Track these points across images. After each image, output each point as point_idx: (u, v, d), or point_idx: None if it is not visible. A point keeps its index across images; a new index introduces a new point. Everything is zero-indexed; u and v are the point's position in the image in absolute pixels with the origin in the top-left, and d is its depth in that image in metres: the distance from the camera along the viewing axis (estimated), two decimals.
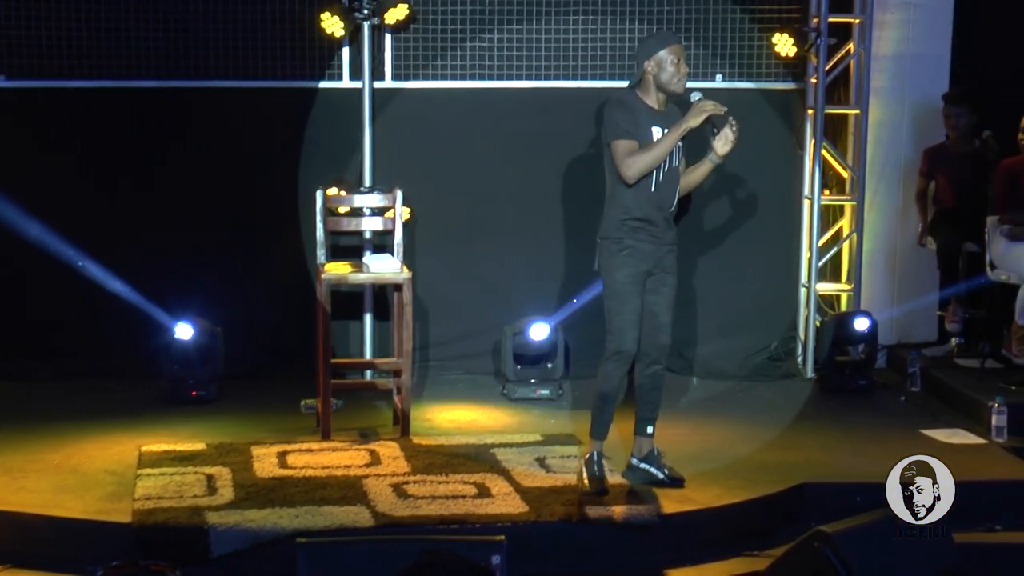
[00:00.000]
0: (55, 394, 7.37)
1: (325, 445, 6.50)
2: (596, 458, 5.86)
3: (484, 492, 5.79)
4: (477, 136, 7.93)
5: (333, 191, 7.21)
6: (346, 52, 7.71)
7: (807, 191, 8.12)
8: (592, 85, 7.85)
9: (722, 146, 5.72)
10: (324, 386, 6.63)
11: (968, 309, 8.04)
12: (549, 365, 7.60)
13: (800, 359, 8.14)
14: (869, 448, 6.64)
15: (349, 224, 7.22)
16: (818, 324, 8.03)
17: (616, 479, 5.93)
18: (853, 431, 6.97)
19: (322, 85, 7.76)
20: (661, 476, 5.96)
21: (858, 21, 8.04)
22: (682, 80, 5.74)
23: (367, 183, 7.54)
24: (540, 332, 7.58)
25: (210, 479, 5.93)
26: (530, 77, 7.88)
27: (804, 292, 8.17)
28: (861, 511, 5.05)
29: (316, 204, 6.95)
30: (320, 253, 6.92)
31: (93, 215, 7.67)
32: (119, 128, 7.71)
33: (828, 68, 7.99)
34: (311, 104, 7.76)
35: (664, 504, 5.74)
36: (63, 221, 7.50)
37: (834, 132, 8.22)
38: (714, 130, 5.70)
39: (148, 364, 7.41)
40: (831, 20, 7.91)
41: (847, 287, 8.24)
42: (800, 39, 7.89)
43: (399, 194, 7.04)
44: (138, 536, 5.33)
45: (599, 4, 7.85)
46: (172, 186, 7.74)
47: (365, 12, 7.41)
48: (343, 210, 7.21)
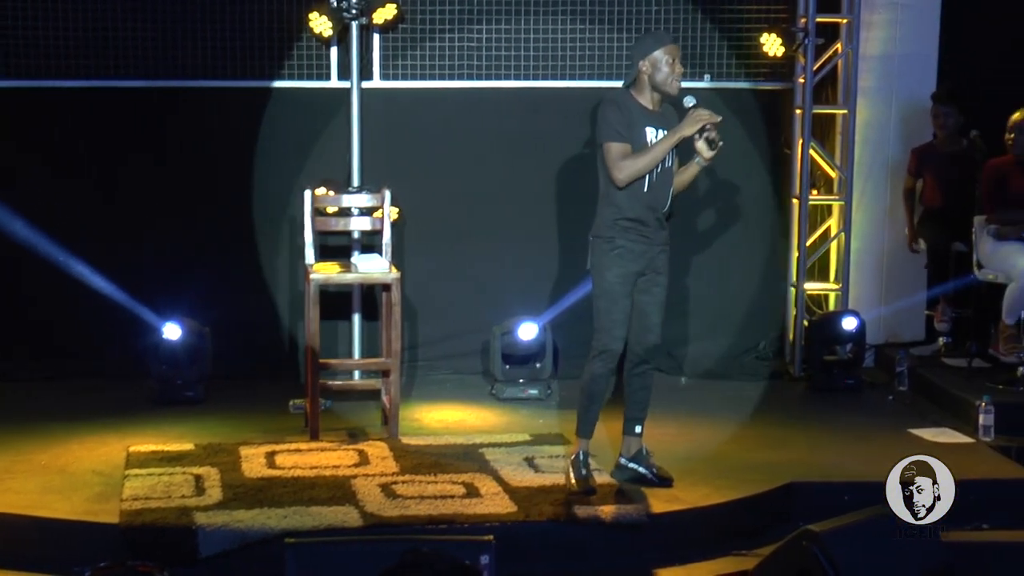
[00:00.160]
0: (42, 394, 7.36)
1: (313, 445, 6.49)
2: (582, 457, 5.86)
3: (472, 492, 5.78)
4: (465, 136, 7.93)
5: (321, 191, 7.19)
6: (334, 52, 7.70)
7: (795, 191, 8.13)
8: (580, 85, 7.86)
9: (707, 151, 5.73)
10: (312, 386, 6.62)
11: (956, 308, 8.08)
12: (538, 365, 7.60)
13: (788, 358, 8.16)
14: (857, 447, 6.66)
15: (337, 224, 7.21)
16: (806, 324, 8.05)
17: (605, 479, 5.93)
18: (841, 430, 6.99)
19: (310, 85, 7.75)
20: (650, 476, 5.97)
21: (846, 21, 8.06)
22: (677, 80, 5.74)
23: (355, 183, 7.52)
24: (528, 332, 7.58)
25: (198, 479, 5.92)
26: (518, 77, 7.88)
27: (792, 292, 8.18)
28: (849, 510, 5.06)
29: (304, 204, 6.94)
30: (308, 253, 6.91)
31: (81, 215, 7.66)
32: (107, 128, 7.69)
33: (816, 68, 8.01)
34: (299, 104, 7.75)
35: (652, 504, 5.74)
36: (51, 221, 7.48)
37: (822, 132, 8.23)
38: (697, 135, 5.71)
39: (136, 364, 7.40)
40: (819, 20, 7.92)
41: (835, 287, 8.26)
42: (788, 39, 7.91)
43: (387, 194, 7.03)
44: (126, 537, 5.32)
45: (587, 4, 7.85)
46: (160, 186, 7.72)
47: (353, 12, 7.40)
48: (331, 210, 7.20)
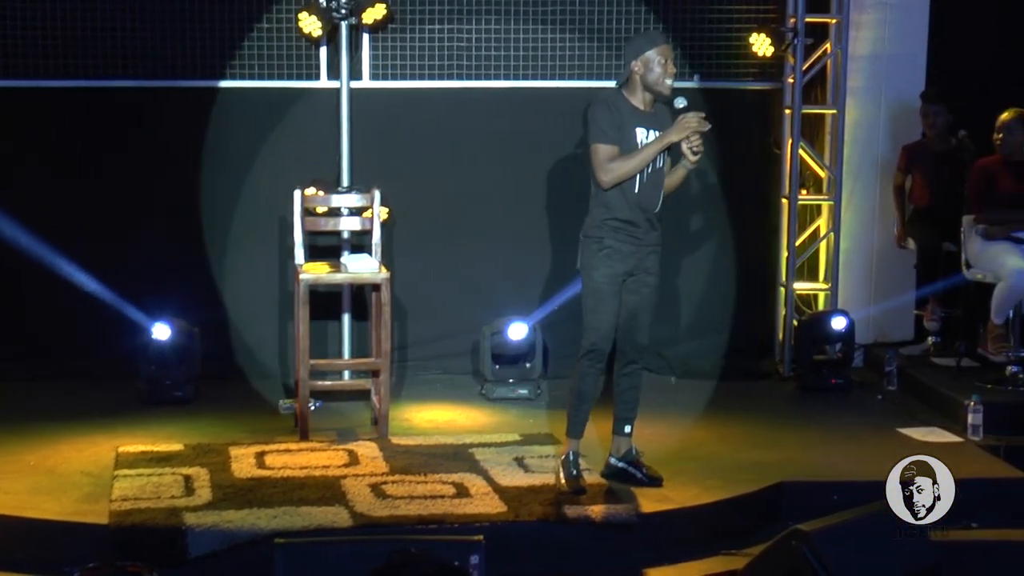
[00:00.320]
0: (31, 394, 7.34)
1: (303, 445, 6.49)
2: (572, 458, 5.87)
3: (462, 492, 5.78)
4: (455, 136, 7.92)
5: (311, 191, 7.19)
6: (324, 52, 7.70)
7: (784, 191, 8.14)
8: (570, 85, 7.86)
9: (692, 155, 5.74)
10: (302, 386, 6.62)
11: (945, 308, 8.10)
12: (527, 365, 7.60)
13: (778, 358, 8.17)
14: (846, 447, 6.67)
15: (327, 224, 7.21)
16: (796, 323, 8.06)
17: (594, 478, 5.94)
18: (830, 430, 6.99)
19: (300, 85, 7.74)
20: (639, 475, 5.98)
21: (835, 21, 8.07)
22: (669, 81, 5.74)
23: (345, 183, 7.52)
24: (518, 332, 7.58)
25: (188, 480, 5.92)
26: (508, 77, 7.87)
27: (782, 291, 8.19)
28: (838, 510, 5.07)
29: (294, 204, 6.94)
30: (298, 253, 6.91)
31: (69, 215, 7.64)
32: (96, 128, 7.67)
33: (805, 68, 8.02)
34: (289, 104, 7.74)
35: (642, 503, 5.75)
36: (39, 221, 7.46)
37: (811, 132, 8.24)
38: (684, 140, 5.71)
39: (125, 364, 7.38)
40: (808, 20, 7.93)
41: (824, 286, 8.27)
42: (777, 39, 7.92)
43: (377, 194, 7.03)
44: (115, 537, 5.31)
45: (577, 4, 7.84)
46: (149, 186, 7.70)
47: (342, 12, 7.39)
48: (321, 210, 7.19)
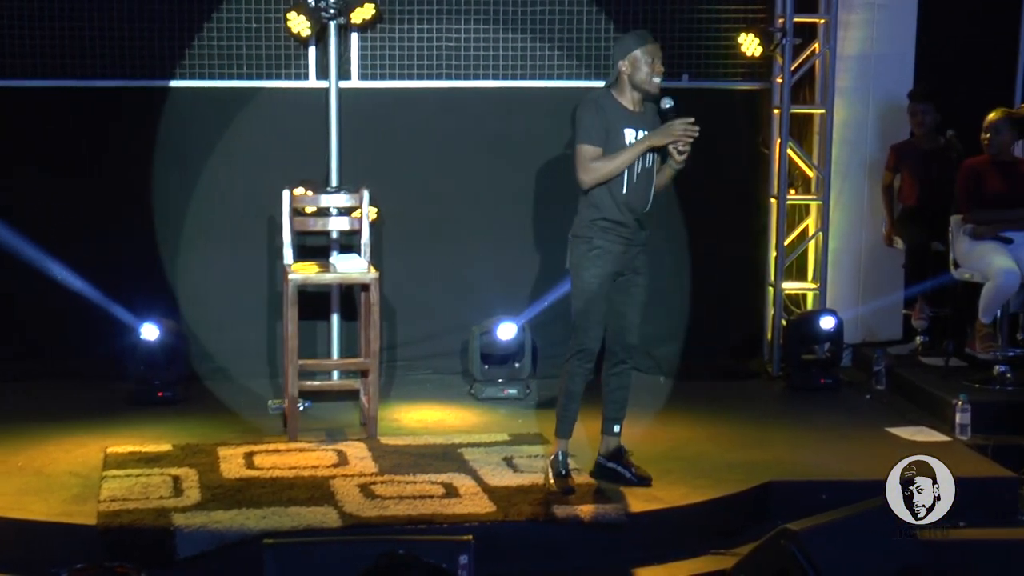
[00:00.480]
0: (19, 395, 7.31)
1: (292, 446, 6.49)
2: (561, 457, 5.87)
3: (451, 492, 5.78)
4: (444, 136, 7.92)
5: (300, 191, 7.18)
6: (312, 52, 7.69)
7: (773, 190, 8.15)
8: (560, 85, 7.86)
9: (678, 155, 5.74)
10: (291, 386, 6.61)
11: (933, 307, 8.11)
12: (516, 365, 7.60)
13: (766, 358, 8.18)
14: (835, 446, 6.68)
15: (316, 224, 7.20)
16: (784, 323, 8.07)
17: (583, 478, 5.94)
18: (819, 429, 7.00)
19: (288, 85, 7.73)
20: (628, 475, 5.98)
21: (823, 21, 8.09)
22: (657, 80, 5.74)
23: (334, 183, 7.51)
24: (507, 332, 7.58)
25: (176, 480, 5.91)
26: (497, 77, 7.87)
27: (770, 291, 8.20)
28: (827, 509, 5.08)
29: (283, 204, 6.93)
30: (287, 253, 6.90)
31: (57, 215, 7.61)
32: (83, 127, 7.65)
33: (793, 68, 8.03)
34: (277, 104, 7.73)
35: (631, 503, 5.75)
36: (27, 221, 7.45)
37: (800, 132, 8.26)
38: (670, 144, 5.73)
39: (113, 365, 7.38)
40: (796, 20, 7.94)
41: (813, 286, 8.28)
42: (766, 39, 7.94)
43: (366, 194, 7.03)
44: (103, 538, 5.31)
45: (567, 4, 7.85)
46: (137, 186, 7.68)
47: (331, 12, 7.39)
48: (310, 210, 7.19)
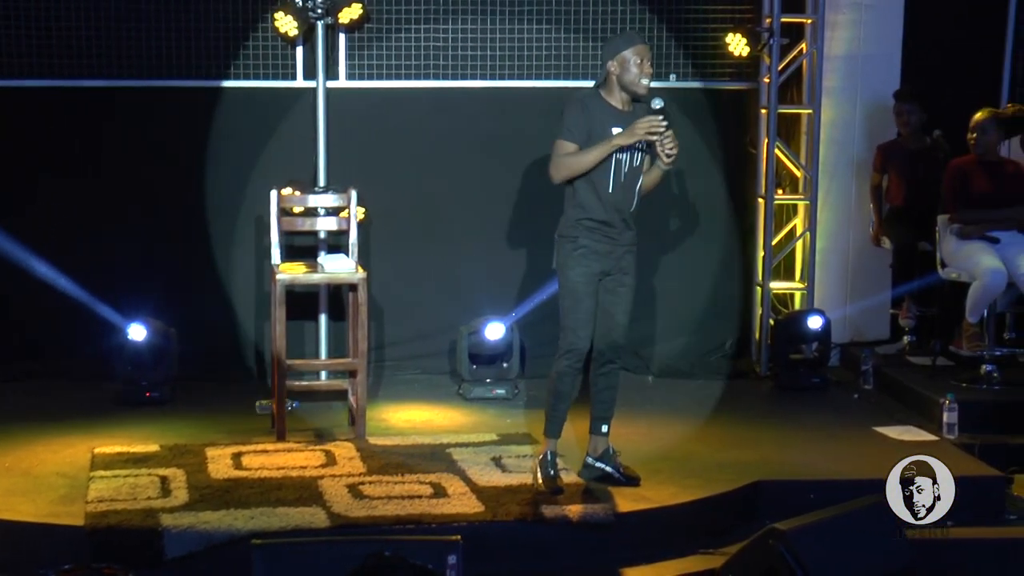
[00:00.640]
0: (6, 395, 7.29)
1: (280, 446, 6.48)
2: (550, 457, 5.87)
3: (440, 492, 5.78)
4: (431, 136, 7.92)
5: (287, 191, 7.17)
6: (300, 51, 7.68)
7: (760, 190, 8.17)
8: (548, 85, 7.86)
9: (666, 156, 5.73)
10: (279, 387, 6.60)
11: (920, 307, 8.13)
12: (505, 365, 7.60)
13: (754, 357, 8.19)
14: (823, 446, 6.69)
15: (303, 224, 7.20)
16: (772, 323, 8.08)
17: (572, 478, 5.94)
18: (807, 429, 7.02)
19: (276, 84, 7.72)
20: (616, 475, 5.98)
21: (810, 21, 8.10)
22: (645, 80, 5.74)
23: (321, 183, 7.51)
24: (496, 332, 7.58)
25: (164, 481, 5.89)
26: (485, 77, 7.87)
27: (758, 291, 8.22)
28: (815, 508, 5.10)
29: (270, 204, 6.92)
30: (274, 253, 6.89)
31: (45, 215, 7.60)
32: (70, 127, 7.64)
33: (781, 68, 8.04)
34: (265, 104, 7.72)
35: (619, 503, 5.75)
36: (14, 220, 7.43)
37: (787, 132, 8.27)
38: (658, 143, 5.71)
39: (101, 365, 7.36)
40: (783, 20, 7.95)
41: (800, 286, 8.30)
42: (753, 39, 7.95)
43: (354, 194, 7.02)
44: (91, 539, 5.29)
45: (555, 4, 7.85)
46: (125, 186, 7.68)
47: (319, 11, 7.38)
48: (297, 210, 7.18)
